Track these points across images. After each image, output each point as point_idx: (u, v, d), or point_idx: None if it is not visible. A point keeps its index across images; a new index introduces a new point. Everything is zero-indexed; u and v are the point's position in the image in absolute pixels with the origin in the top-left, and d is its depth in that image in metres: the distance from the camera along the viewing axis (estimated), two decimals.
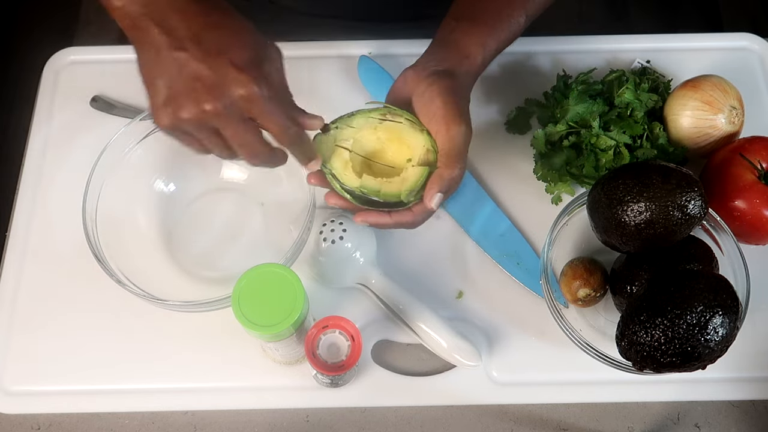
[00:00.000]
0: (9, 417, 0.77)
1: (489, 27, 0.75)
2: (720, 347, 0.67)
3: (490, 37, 0.75)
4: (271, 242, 0.82)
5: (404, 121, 0.71)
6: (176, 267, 0.81)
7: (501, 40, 0.76)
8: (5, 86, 1.76)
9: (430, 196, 0.68)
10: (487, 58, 0.76)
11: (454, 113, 0.69)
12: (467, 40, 0.74)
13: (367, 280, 0.79)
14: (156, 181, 0.84)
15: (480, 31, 0.75)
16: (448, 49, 0.74)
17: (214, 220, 0.84)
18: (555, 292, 0.76)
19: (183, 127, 0.61)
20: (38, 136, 0.90)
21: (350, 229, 0.78)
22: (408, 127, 0.71)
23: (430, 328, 0.76)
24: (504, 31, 0.76)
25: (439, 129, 0.69)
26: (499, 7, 0.77)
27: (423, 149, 0.71)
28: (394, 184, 0.71)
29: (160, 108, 0.60)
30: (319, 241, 0.78)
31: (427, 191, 0.69)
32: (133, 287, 0.74)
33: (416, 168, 0.70)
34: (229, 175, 0.85)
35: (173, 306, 0.73)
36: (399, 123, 0.72)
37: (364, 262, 0.79)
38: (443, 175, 0.69)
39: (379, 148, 0.73)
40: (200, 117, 0.59)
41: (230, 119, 0.60)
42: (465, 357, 0.76)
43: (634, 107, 0.84)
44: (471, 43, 0.74)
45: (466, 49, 0.74)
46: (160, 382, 0.78)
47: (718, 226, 0.76)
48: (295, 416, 0.77)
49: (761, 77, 0.94)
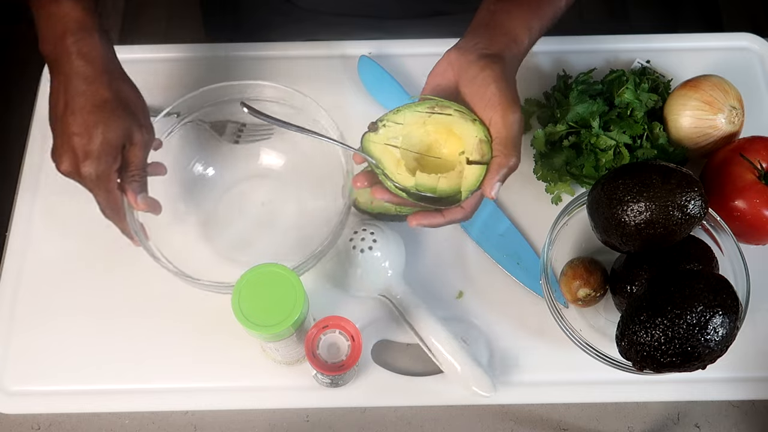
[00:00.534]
0: (9, 417, 0.77)
1: (532, 8, 0.73)
2: (720, 347, 0.67)
3: (534, 18, 0.73)
4: (305, 231, 0.82)
5: (453, 112, 0.69)
6: (211, 249, 0.82)
7: (544, 21, 0.74)
8: (5, 86, 1.76)
9: (490, 186, 0.66)
10: (532, 40, 0.73)
11: (511, 100, 0.67)
12: (512, 22, 0.72)
13: (390, 292, 0.78)
14: (195, 165, 0.85)
15: (524, 13, 0.73)
16: (494, 32, 0.71)
17: (250, 205, 0.84)
18: (555, 292, 0.76)
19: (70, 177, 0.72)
20: (38, 136, 0.90)
21: (380, 240, 0.78)
22: (458, 118, 0.68)
23: (447, 350, 0.75)
24: (546, 12, 0.74)
25: (495, 116, 0.67)
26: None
27: (475, 140, 0.68)
28: (450, 179, 0.68)
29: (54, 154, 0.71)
30: (348, 249, 0.78)
31: (488, 181, 0.67)
32: (168, 263, 0.74)
33: (474, 167, 0.68)
34: (267, 161, 0.86)
35: (204, 285, 0.73)
36: (448, 115, 0.69)
37: (393, 274, 0.79)
38: (502, 164, 0.66)
39: (430, 142, 0.71)
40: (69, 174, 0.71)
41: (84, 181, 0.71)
42: (479, 386, 0.75)
43: (634, 107, 0.84)
44: (517, 26, 0.72)
45: (513, 32, 0.71)
46: (160, 382, 0.78)
47: (718, 226, 0.76)
48: (295, 416, 0.77)
49: (761, 77, 0.94)
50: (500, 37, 0.71)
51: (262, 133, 0.86)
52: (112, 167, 0.70)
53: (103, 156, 0.69)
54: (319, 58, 0.94)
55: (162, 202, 0.77)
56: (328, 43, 0.95)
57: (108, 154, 0.70)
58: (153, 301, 0.81)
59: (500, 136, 0.67)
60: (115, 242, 0.84)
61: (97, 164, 0.69)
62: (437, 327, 0.76)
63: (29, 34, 0.74)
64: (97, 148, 0.69)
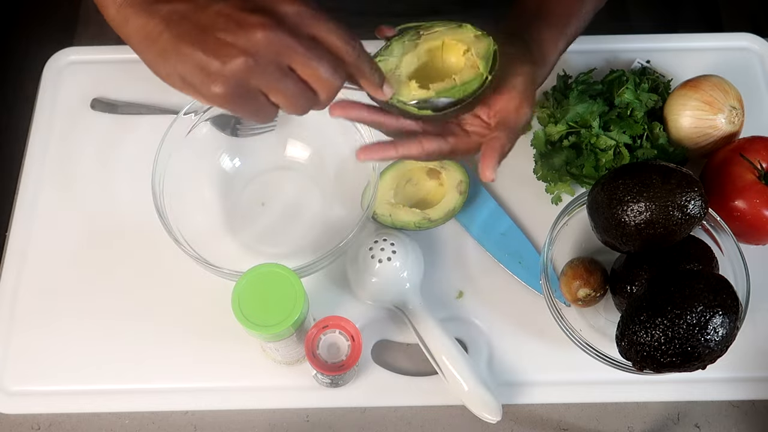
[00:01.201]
0: (9, 417, 0.77)
1: (561, 26, 0.75)
2: (720, 347, 0.67)
3: (562, 36, 0.75)
4: (329, 224, 0.82)
5: (439, 27, 0.68)
6: (235, 239, 0.83)
7: (570, 38, 0.77)
8: (5, 86, 1.76)
9: (490, 167, 0.65)
10: (558, 56, 0.76)
11: (531, 96, 0.68)
12: (545, 41, 0.73)
13: (405, 305, 0.78)
14: (222, 156, 0.86)
15: (554, 32, 0.74)
16: (531, 46, 0.73)
17: (275, 197, 0.85)
18: (555, 292, 0.76)
19: (246, 81, 0.52)
20: (38, 136, 0.90)
21: (400, 251, 0.78)
22: (447, 29, 0.68)
23: (456, 369, 0.74)
24: (573, 28, 0.76)
25: (512, 103, 0.67)
26: (569, 4, 0.76)
27: (471, 37, 0.67)
28: (464, 73, 0.67)
29: (204, 74, 0.52)
30: (366, 258, 0.78)
31: (486, 162, 0.65)
32: (190, 249, 0.75)
33: (471, 69, 0.67)
34: (292, 153, 0.86)
35: (226, 274, 0.73)
36: (436, 31, 0.68)
37: (410, 287, 0.78)
38: (505, 148, 0.66)
39: (429, 59, 0.70)
40: (266, 51, 0.51)
41: (293, 40, 0.51)
42: (485, 409, 0.74)
43: (634, 107, 0.84)
44: (547, 46, 0.73)
45: (544, 51, 0.73)
46: (160, 382, 0.78)
47: (718, 226, 0.76)
48: (295, 416, 0.77)
49: (761, 77, 0.94)
50: (536, 53, 0.72)
51: (262, 125, 0.86)
52: None
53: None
54: None
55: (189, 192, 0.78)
56: None
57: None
58: (153, 301, 0.81)
59: (507, 119, 0.67)
60: (115, 242, 0.84)
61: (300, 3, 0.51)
62: (448, 344, 0.76)
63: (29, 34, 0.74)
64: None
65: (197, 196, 0.84)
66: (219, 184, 0.86)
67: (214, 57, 0.51)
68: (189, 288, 0.81)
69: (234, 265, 0.74)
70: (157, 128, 0.81)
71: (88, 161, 0.89)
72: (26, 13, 1.86)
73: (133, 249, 0.83)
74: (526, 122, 0.69)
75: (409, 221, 0.81)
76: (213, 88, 0.52)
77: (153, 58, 0.55)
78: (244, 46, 0.51)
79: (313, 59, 0.53)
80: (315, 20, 0.53)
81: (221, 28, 0.52)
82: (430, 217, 0.81)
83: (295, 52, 0.52)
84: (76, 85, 0.93)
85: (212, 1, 0.53)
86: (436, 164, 0.83)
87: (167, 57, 0.53)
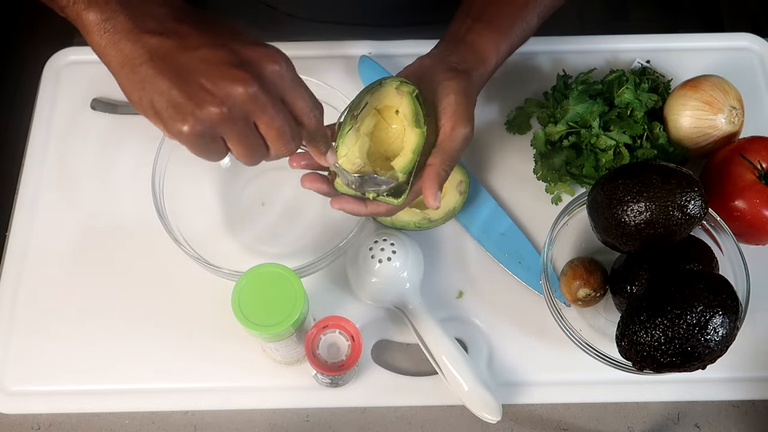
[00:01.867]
0: (9, 417, 0.77)
1: (504, 30, 0.76)
2: (720, 347, 0.67)
3: (503, 41, 0.75)
4: (329, 224, 0.82)
5: (366, 98, 0.70)
6: (235, 239, 0.83)
7: (513, 43, 0.77)
8: (5, 86, 1.76)
9: (432, 194, 0.67)
10: (499, 61, 0.76)
11: (465, 115, 0.69)
12: (484, 43, 0.74)
13: (405, 305, 0.78)
14: None
15: (495, 36, 0.75)
16: (466, 49, 0.74)
17: (275, 197, 0.85)
18: (555, 292, 0.76)
19: (213, 128, 0.55)
20: (38, 136, 0.90)
21: (400, 251, 0.78)
22: (371, 97, 0.70)
23: (456, 369, 0.74)
24: (517, 34, 0.77)
25: (446, 125, 0.69)
26: (513, 10, 0.77)
27: (393, 94, 0.70)
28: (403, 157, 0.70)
29: (175, 111, 0.54)
30: (366, 258, 0.78)
31: (428, 189, 0.68)
32: (190, 249, 0.75)
33: (407, 155, 0.69)
34: None
35: (226, 274, 0.73)
36: (366, 103, 0.70)
37: (410, 287, 0.78)
38: (441, 173, 0.68)
39: (377, 131, 0.73)
40: (239, 106, 0.53)
41: (265, 98, 0.54)
42: (485, 409, 0.74)
43: (634, 107, 0.84)
44: (487, 48, 0.74)
45: (483, 53, 0.74)
46: (160, 382, 0.78)
47: (718, 226, 0.76)
48: (295, 416, 0.77)
49: (761, 77, 0.94)
50: (471, 56, 0.73)
51: None
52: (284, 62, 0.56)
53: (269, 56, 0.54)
54: (319, 58, 0.94)
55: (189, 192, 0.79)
56: (328, 43, 0.95)
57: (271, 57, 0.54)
58: (153, 301, 0.81)
59: (443, 145, 0.68)
60: (114, 242, 0.84)
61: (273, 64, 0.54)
62: (448, 344, 0.76)
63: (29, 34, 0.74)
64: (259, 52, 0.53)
65: (197, 196, 0.84)
66: (219, 184, 0.86)
67: (190, 99, 0.53)
68: (189, 288, 0.81)
69: (234, 265, 0.74)
70: (157, 128, 0.81)
71: (88, 161, 0.89)
72: (26, 13, 1.85)
73: (132, 249, 0.83)
74: (464, 139, 0.69)
75: (409, 221, 0.81)
76: (180, 126, 0.54)
77: (129, 84, 0.56)
78: (222, 97, 0.53)
79: (278, 122, 0.56)
80: (291, 84, 0.56)
81: (204, 74, 0.53)
82: (430, 217, 0.81)
83: (264, 113, 0.55)
84: (76, 85, 0.93)
85: (201, 45, 0.54)
86: None
87: (144, 86, 0.55)
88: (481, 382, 0.74)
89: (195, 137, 0.55)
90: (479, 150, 0.89)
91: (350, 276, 0.79)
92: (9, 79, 1.76)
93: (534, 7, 0.77)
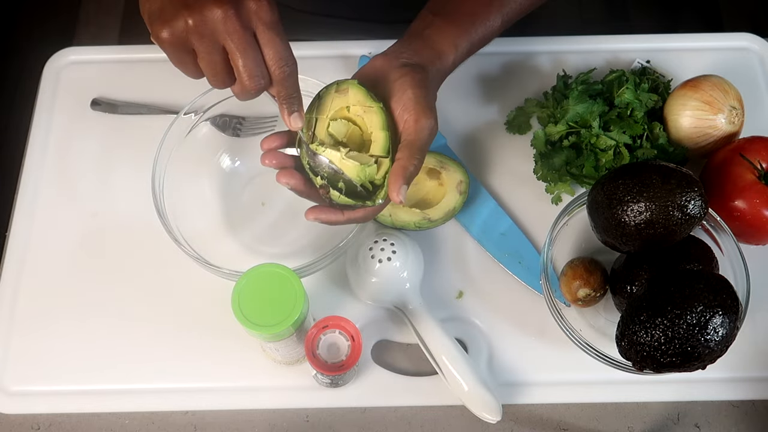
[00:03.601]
0: (9, 417, 0.77)
1: (464, 27, 0.74)
2: (720, 347, 0.67)
3: (462, 37, 0.74)
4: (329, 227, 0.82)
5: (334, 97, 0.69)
6: (235, 239, 0.83)
7: (473, 41, 0.75)
8: (5, 86, 1.76)
9: (397, 189, 0.64)
10: (458, 58, 0.74)
11: (425, 106, 0.67)
12: (441, 38, 0.73)
13: (405, 305, 0.78)
14: (222, 156, 0.86)
15: (454, 31, 0.74)
16: (421, 44, 0.73)
17: (275, 197, 0.85)
18: (555, 292, 0.76)
19: (181, 41, 0.60)
20: (38, 136, 0.90)
21: (400, 251, 0.78)
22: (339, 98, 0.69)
23: (456, 369, 0.74)
24: (477, 32, 0.75)
25: (408, 119, 0.67)
26: (475, 8, 0.76)
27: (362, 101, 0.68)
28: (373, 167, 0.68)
29: (159, 17, 0.60)
30: (366, 258, 0.78)
31: (393, 184, 0.65)
32: (190, 249, 0.75)
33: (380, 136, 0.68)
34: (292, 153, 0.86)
35: (226, 274, 0.73)
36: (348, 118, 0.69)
37: (410, 287, 0.78)
38: (407, 167, 0.65)
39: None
40: (201, 25, 0.59)
41: (236, 25, 0.59)
42: (485, 409, 0.74)
43: (634, 107, 0.84)
44: (444, 42, 0.73)
45: (439, 47, 0.73)
46: (160, 382, 0.78)
47: (718, 226, 0.76)
48: (295, 416, 0.77)
49: (761, 77, 0.94)
50: (426, 51, 0.72)
51: (264, 124, 0.86)
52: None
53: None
54: (319, 58, 0.94)
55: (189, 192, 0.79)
56: (328, 43, 0.95)
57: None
58: (153, 301, 0.81)
59: (408, 139, 0.67)
60: (114, 242, 0.84)
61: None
62: (448, 344, 0.76)
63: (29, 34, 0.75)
64: None
65: (197, 196, 0.84)
66: (219, 184, 0.86)
67: (173, 9, 0.59)
68: (189, 288, 0.81)
69: (234, 265, 0.74)
70: (157, 128, 0.81)
71: (88, 161, 0.89)
72: (26, 13, 1.86)
73: (132, 249, 0.84)
74: (429, 130, 0.67)
75: (409, 221, 0.81)
76: (159, 30, 0.60)
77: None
78: (197, 12, 0.59)
79: (242, 51, 0.60)
80: (265, 26, 0.60)
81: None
82: (430, 217, 0.81)
83: (230, 38, 0.59)
84: (76, 85, 0.93)
85: None
86: (436, 164, 0.83)
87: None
88: (481, 382, 0.74)
89: (170, 44, 0.60)
90: (479, 150, 0.89)
91: (350, 276, 0.79)
92: (9, 79, 1.76)
93: (498, 8, 0.76)
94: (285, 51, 0.62)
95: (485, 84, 0.93)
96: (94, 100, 0.91)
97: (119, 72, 0.94)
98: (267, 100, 0.68)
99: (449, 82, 0.75)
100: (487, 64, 0.94)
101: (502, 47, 0.94)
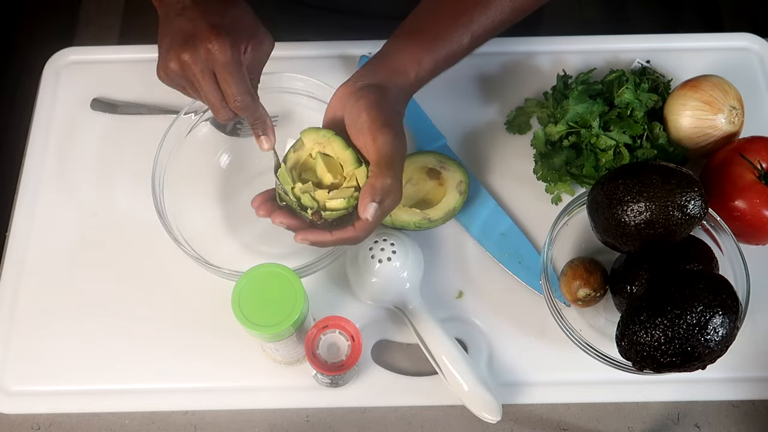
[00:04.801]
0: (9, 417, 0.77)
1: (427, 44, 0.74)
2: (720, 347, 0.67)
3: (426, 53, 0.73)
4: None
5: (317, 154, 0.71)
6: (235, 239, 0.83)
7: (439, 58, 0.74)
8: (5, 86, 1.76)
9: (364, 206, 0.66)
10: (422, 74, 0.73)
11: (379, 124, 0.67)
12: (401, 55, 0.73)
13: (405, 305, 0.78)
14: (222, 156, 0.86)
15: (416, 47, 0.73)
16: (381, 63, 0.73)
17: None
18: (555, 292, 0.76)
19: (173, 79, 0.70)
20: (38, 136, 0.90)
21: (400, 251, 0.78)
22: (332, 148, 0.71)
23: (456, 369, 0.74)
24: (443, 49, 0.74)
25: (367, 141, 0.68)
26: (441, 26, 0.75)
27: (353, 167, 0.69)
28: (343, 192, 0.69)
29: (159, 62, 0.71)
30: (366, 258, 0.78)
31: (361, 201, 0.66)
32: (190, 249, 0.75)
33: (352, 185, 0.69)
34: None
35: (226, 274, 0.74)
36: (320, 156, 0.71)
37: (410, 287, 0.78)
38: (375, 184, 0.66)
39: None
40: (180, 67, 0.69)
41: (196, 72, 0.68)
42: (485, 409, 0.74)
43: (634, 107, 0.84)
44: (405, 59, 0.73)
45: (398, 64, 0.72)
46: (160, 382, 0.78)
47: (718, 226, 0.76)
48: (295, 416, 0.77)
49: (761, 77, 0.94)
50: (383, 69, 0.72)
51: None
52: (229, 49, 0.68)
53: (236, 31, 0.68)
54: (319, 58, 0.94)
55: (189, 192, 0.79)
56: (328, 43, 0.95)
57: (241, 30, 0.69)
58: (153, 301, 0.81)
59: (372, 158, 0.67)
60: (114, 242, 0.84)
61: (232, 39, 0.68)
62: (448, 344, 0.76)
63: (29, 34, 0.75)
64: (230, 22, 0.69)
65: (197, 196, 0.84)
66: (219, 184, 0.86)
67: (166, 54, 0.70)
68: (189, 288, 0.81)
69: (234, 265, 0.74)
70: (157, 128, 0.81)
71: (88, 161, 0.89)
72: (26, 13, 1.86)
73: (132, 249, 0.84)
74: (390, 147, 0.67)
75: (409, 221, 0.81)
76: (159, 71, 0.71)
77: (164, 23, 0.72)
78: (175, 60, 0.69)
79: (205, 91, 0.70)
80: (220, 66, 0.68)
81: (177, 39, 0.70)
82: (430, 217, 0.81)
83: (194, 81, 0.69)
84: (76, 85, 0.93)
85: (181, 16, 0.70)
86: (436, 164, 0.83)
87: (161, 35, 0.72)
88: (481, 382, 0.74)
89: (166, 80, 0.71)
90: (479, 150, 0.89)
91: (350, 276, 0.79)
92: (9, 79, 1.76)
93: (466, 24, 0.75)
94: (236, 87, 0.69)
95: (485, 84, 0.93)
96: (94, 100, 0.91)
97: (119, 72, 0.94)
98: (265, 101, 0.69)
99: (449, 82, 0.76)
100: (487, 64, 0.94)
101: (502, 47, 0.94)
